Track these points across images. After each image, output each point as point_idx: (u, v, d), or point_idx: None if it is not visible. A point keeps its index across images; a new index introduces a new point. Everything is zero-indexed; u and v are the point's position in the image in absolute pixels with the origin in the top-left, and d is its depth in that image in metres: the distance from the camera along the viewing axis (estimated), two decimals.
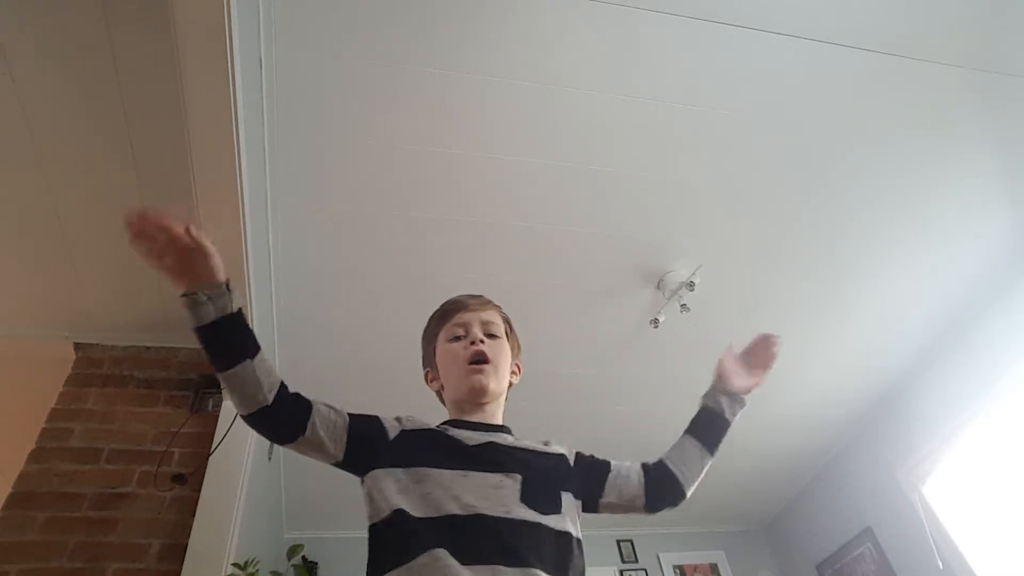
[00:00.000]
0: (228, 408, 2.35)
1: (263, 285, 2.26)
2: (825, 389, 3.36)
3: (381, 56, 1.88)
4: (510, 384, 1.22)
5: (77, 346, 2.56)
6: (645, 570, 3.94)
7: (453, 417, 1.14)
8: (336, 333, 2.67)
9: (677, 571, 3.98)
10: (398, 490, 0.95)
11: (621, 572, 3.90)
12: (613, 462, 1.17)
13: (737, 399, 1.30)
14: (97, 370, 2.50)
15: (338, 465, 1.03)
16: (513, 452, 1.04)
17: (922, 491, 3.27)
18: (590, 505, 1.10)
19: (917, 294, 2.93)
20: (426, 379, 1.25)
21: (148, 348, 2.60)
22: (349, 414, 1.05)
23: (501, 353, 1.17)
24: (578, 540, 0.99)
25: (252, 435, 2.33)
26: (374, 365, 2.79)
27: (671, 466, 1.19)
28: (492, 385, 1.12)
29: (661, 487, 1.16)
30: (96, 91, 1.83)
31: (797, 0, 1.92)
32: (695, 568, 4.04)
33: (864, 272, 2.78)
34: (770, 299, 2.82)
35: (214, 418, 2.36)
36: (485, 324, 1.19)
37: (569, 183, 2.28)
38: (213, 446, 2.26)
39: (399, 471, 0.98)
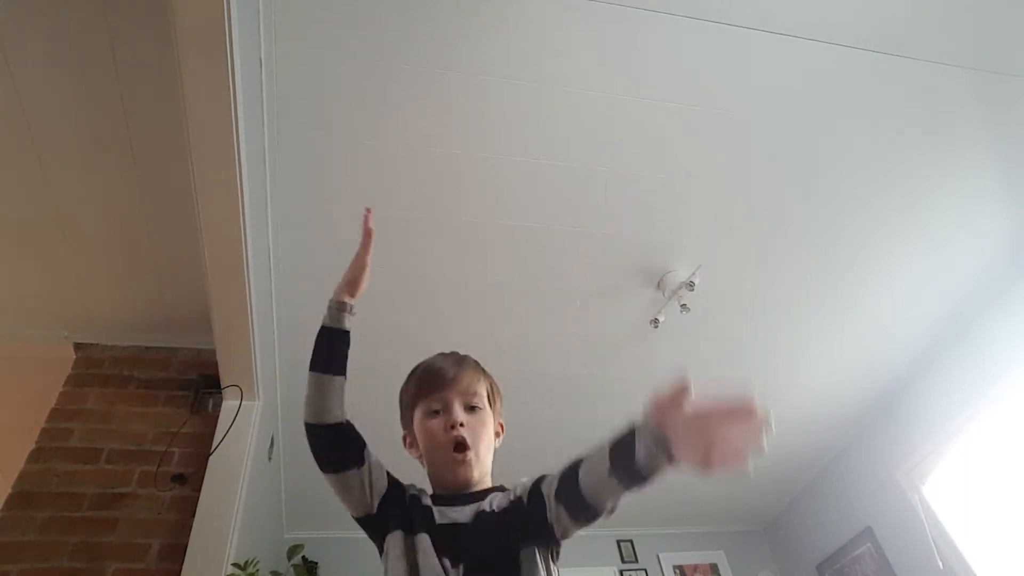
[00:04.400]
0: (228, 408, 2.35)
1: (263, 285, 2.26)
2: (825, 389, 3.36)
3: (381, 55, 1.88)
4: (494, 448, 1.14)
5: (77, 346, 2.57)
6: (645, 570, 3.94)
7: (436, 489, 1.10)
8: None
9: (677, 571, 3.98)
10: (398, 557, 0.98)
11: (621, 572, 3.90)
12: (545, 477, 0.99)
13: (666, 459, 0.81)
14: (97, 370, 2.51)
15: (365, 517, 1.05)
16: (473, 535, 0.99)
17: (922, 491, 3.27)
18: (543, 539, 0.97)
19: (917, 294, 2.93)
20: (404, 443, 1.18)
21: (148, 348, 2.60)
22: (388, 473, 1.09)
23: (482, 431, 1.09)
24: None
25: (252, 435, 2.34)
26: (374, 365, 2.78)
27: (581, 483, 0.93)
28: (475, 475, 1.06)
29: (572, 504, 0.94)
30: (96, 91, 1.83)
31: (797, 0, 1.92)
32: (695, 568, 4.04)
33: (864, 272, 2.78)
34: (770, 299, 2.82)
35: (214, 418, 2.36)
36: (465, 397, 1.10)
37: (569, 183, 2.28)
38: (213, 446, 2.26)
39: (406, 537, 1.00)
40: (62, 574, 1.99)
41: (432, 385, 1.12)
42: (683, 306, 2.57)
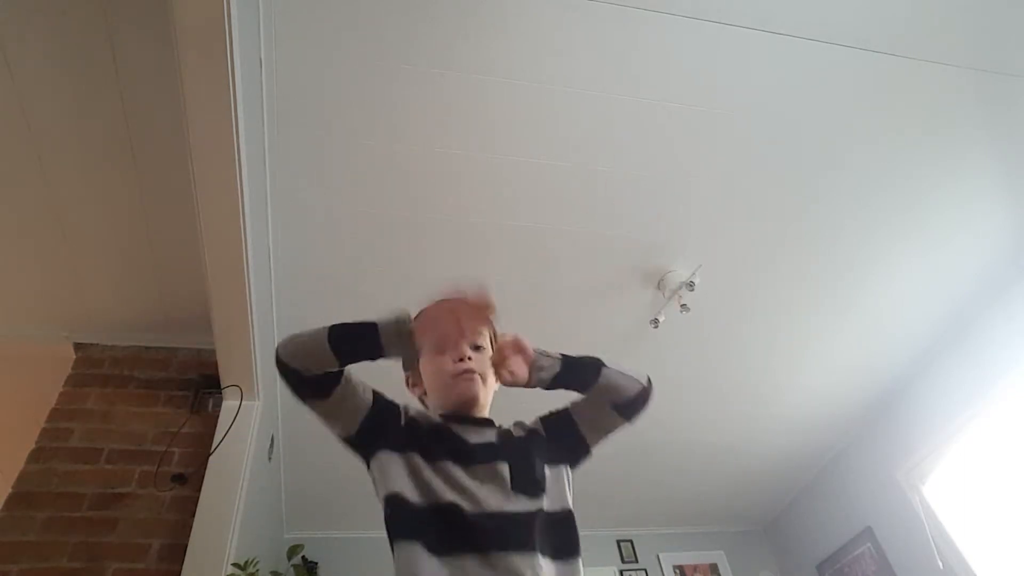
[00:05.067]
0: (228, 408, 2.35)
1: (263, 285, 2.26)
2: (825, 389, 3.36)
3: (381, 55, 1.88)
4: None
5: (77, 346, 2.57)
6: (645, 570, 3.94)
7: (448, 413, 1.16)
8: None
9: (677, 571, 3.98)
10: (397, 475, 1.01)
11: (621, 572, 3.90)
12: (569, 404, 1.18)
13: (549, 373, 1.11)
14: (97, 370, 2.51)
15: (349, 439, 1.08)
16: (503, 446, 1.09)
17: (922, 491, 3.27)
18: (581, 453, 1.14)
19: (917, 294, 2.93)
20: (407, 383, 1.25)
21: (148, 348, 2.60)
22: (374, 392, 1.12)
23: (487, 365, 1.17)
24: (569, 512, 1.04)
25: (252, 435, 2.34)
26: (374, 365, 2.79)
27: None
28: (481, 396, 1.15)
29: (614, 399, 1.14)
30: (96, 91, 1.83)
31: (797, 0, 1.92)
32: (695, 568, 4.04)
33: (864, 271, 2.78)
34: (770, 299, 2.82)
35: (214, 418, 2.36)
36: (471, 336, 1.19)
37: (569, 183, 2.28)
38: (213, 446, 2.26)
39: (402, 456, 1.03)
40: (62, 574, 1.99)
41: None
42: (683, 306, 2.57)
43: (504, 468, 1.03)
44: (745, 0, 1.89)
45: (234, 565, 2.01)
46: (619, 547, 4.00)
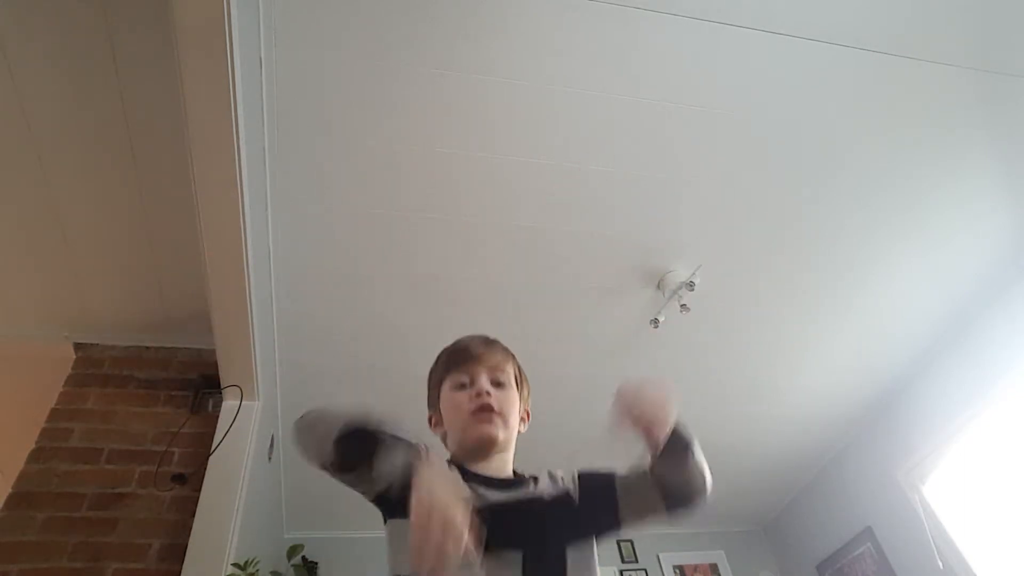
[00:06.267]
0: (228, 408, 2.35)
1: (263, 285, 2.26)
2: (825, 389, 3.36)
3: (381, 56, 1.88)
4: (518, 432, 1.15)
5: (77, 346, 2.57)
6: (645, 570, 3.94)
7: (466, 466, 1.05)
8: (336, 333, 2.67)
9: (677, 571, 3.98)
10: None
11: (621, 572, 3.90)
12: (616, 474, 1.06)
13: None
14: (97, 370, 2.51)
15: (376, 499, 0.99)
16: (520, 519, 0.98)
17: (922, 491, 3.27)
18: (611, 528, 1.05)
19: (917, 294, 2.93)
20: (429, 423, 1.17)
21: (148, 348, 2.60)
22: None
23: (509, 403, 1.10)
24: None
25: (252, 435, 2.34)
26: (374, 365, 2.79)
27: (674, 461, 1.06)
28: (501, 436, 1.06)
29: (673, 482, 1.06)
30: (96, 91, 1.83)
31: (797, 0, 1.92)
32: (695, 568, 4.03)
33: (864, 271, 2.78)
34: (770, 299, 2.82)
35: (214, 418, 2.36)
36: (493, 372, 1.11)
37: (569, 183, 2.28)
38: (213, 446, 2.26)
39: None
40: (62, 574, 1.99)
41: (459, 360, 1.13)
42: (683, 306, 2.57)
43: (516, 560, 0.89)
44: (745, 0, 1.89)
45: (234, 565, 2.01)
46: (619, 547, 4.00)
